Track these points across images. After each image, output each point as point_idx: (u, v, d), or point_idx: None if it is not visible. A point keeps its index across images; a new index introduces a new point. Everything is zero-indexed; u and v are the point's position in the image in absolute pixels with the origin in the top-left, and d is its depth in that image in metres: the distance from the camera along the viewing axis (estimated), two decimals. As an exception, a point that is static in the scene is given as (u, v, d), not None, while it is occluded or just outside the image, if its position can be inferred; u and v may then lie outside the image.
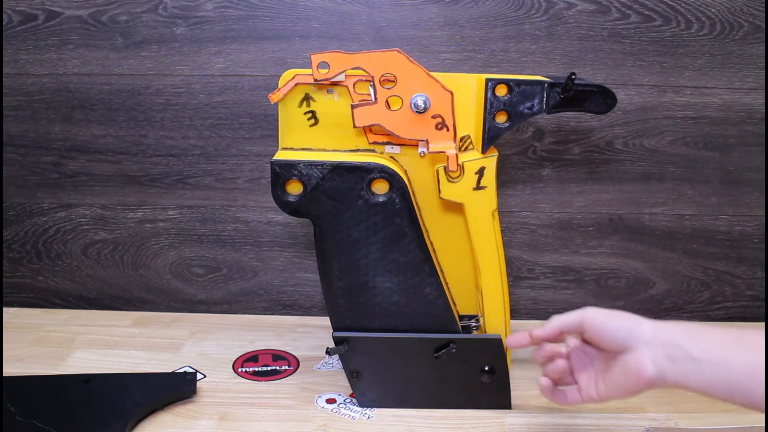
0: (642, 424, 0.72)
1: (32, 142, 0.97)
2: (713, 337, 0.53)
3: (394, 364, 0.73)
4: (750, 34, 0.92)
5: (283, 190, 0.67)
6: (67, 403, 0.71)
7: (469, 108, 0.70)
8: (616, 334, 0.57)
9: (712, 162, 0.97)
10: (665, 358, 0.54)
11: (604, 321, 0.59)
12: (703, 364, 0.52)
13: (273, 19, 0.92)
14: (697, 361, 0.52)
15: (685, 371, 0.53)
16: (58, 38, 0.93)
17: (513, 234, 0.99)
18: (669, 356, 0.53)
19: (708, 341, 0.53)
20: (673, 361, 0.53)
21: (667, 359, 0.53)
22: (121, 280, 1.02)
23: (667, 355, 0.54)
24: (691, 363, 0.52)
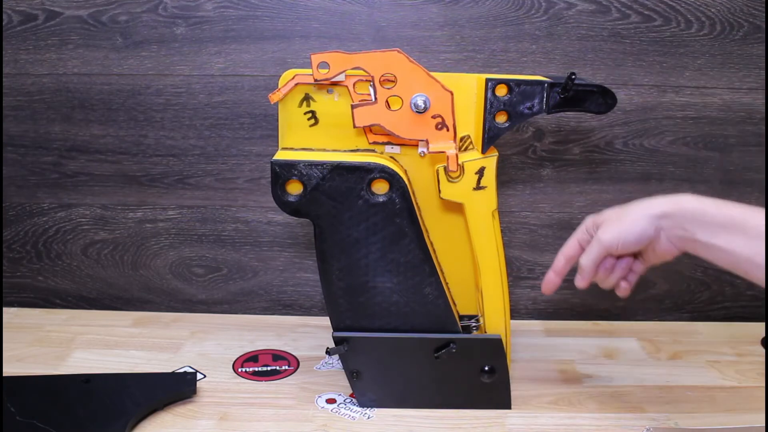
0: (642, 424, 0.72)
1: (32, 142, 0.97)
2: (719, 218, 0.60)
3: (394, 364, 0.73)
4: (750, 34, 0.92)
5: (283, 190, 0.67)
6: (67, 403, 0.71)
7: (469, 108, 0.70)
8: (639, 242, 0.65)
9: (712, 162, 0.97)
10: (678, 239, 0.63)
11: (623, 239, 0.65)
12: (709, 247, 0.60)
13: (273, 19, 0.92)
14: (704, 244, 0.60)
15: (696, 248, 0.61)
16: (58, 38, 0.93)
17: (513, 234, 0.99)
18: (681, 238, 0.62)
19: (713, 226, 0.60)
20: (685, 241, 0.62)
21: (680, 240, 0.62)
22: (121, 280, 1.02)
23: (680, 237, 0.62)
24: (700, 245, 0.61)
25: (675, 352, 0.89)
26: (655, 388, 0.80)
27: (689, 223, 0.61)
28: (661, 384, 0.81)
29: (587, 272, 0.68)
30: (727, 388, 0.80)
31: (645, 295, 1.02)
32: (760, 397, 0.78)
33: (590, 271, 0.68)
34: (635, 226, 0.64)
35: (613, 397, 0.78)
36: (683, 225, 0.62)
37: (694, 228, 0.61)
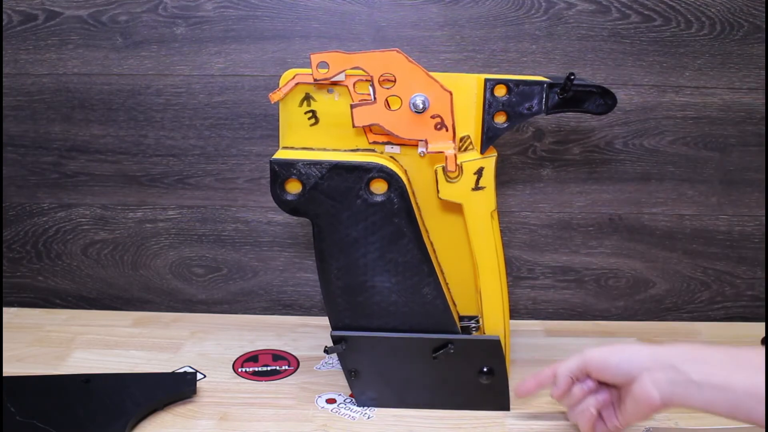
0: (642, 424, 0.72)
1: (32, 142, 0.97)
2: (711, 359, 0.56)
3: (392, 364, 0.73)
4: (750, 34, 0.92)
5: (282, 189, 0.67)
6: (67, 403, 0.71)
7: (469, 108, 0.70)
8: (619, 369, 0.61)
9: (712, 162, 0.97)
10: (667, 383, 0.56)
11: (605, 359, 0.62)
12: (703, 387, 0.54)
13: (273, 19, 0.92)
14: (698, 384, 0.55)
15: (688, 394, 0.55)
16: (58, 38, 0.93)
17: (513, 234, 0.99)
18: (671, 381, 0.56)
19: (707, 364, 0.55)
20: (675, 385, 0.56)
21: (669, 383, 0.56)
22: (121, 280, 1.03)
23: (669, 380, 0.56)
24: (693, 386, 0.55)
25: (675, 352, 0.89)
26: (655, 388, 0.80)
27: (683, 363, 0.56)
28: (661, 384, 0.81)
29: (561, 381, 0.65)
30: (727, 388, 0.80)
31: (645, 295, 1.02)
32: (760, 398, 0.78)
33: (564, 381, 0.65)
34: (622, 351, 0.62)
35: (612, 397, 0.78)
36: (675, 365, 0.57)
37: (687, 367, 0.56)
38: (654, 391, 0.57)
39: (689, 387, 0.55)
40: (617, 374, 0.61)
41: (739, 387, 0.53)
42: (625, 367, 0.60)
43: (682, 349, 0.58)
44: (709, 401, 0.54)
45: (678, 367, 0.56)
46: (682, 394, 0.56)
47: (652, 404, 0.57)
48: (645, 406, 0.58)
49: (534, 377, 0.68)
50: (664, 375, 0.57)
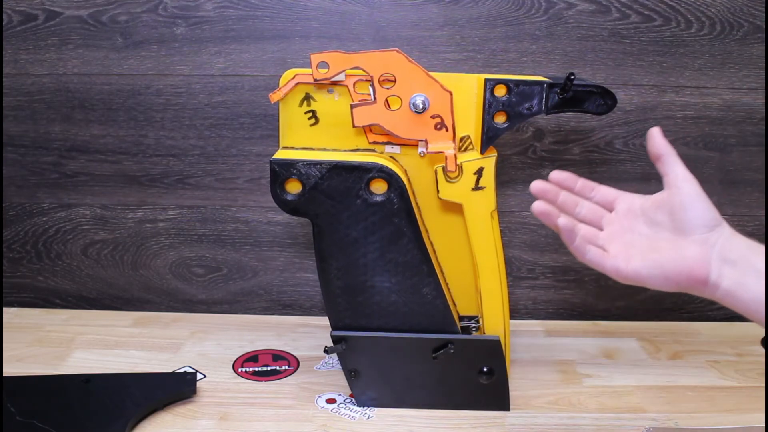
0: (642, 424, 0.72)
1: (32, 142, 0.97)
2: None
3: (392, 364, 0.73)
4: (750, 34, 0.92)
5: (282, 189, 0.67)
6: (66, 403, 0.71)
7: (469, 108, 0.70)
8: (702, 215, 0.54)
9: (712, 162, 0.97)
10: (728, 264, 0.52)
11: (700, 195, 0.56)
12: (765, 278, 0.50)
13: (273, 19, 0.92)
14: (760, 274, 0.50)
15: (744, 281, 0.51)
16: (58, 38, 0.93)
17: (513, 234, 0.99)
18: (733, 263, 0.52)
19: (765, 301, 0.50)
20: (735, 268, 0.51)
21: (730, 265, 0.52)
22: (121, 280, 1.03)
23: (732, 262, 0.52)
24: (754, 274, 0.50)
25: (675, 352, 0.89)
26: (655, 388, 0.80)
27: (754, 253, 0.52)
28: (661, 384, 0.81)
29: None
30: (727, 388, 0.80)
31: (645, 295, 1.02)
32: (760, 397, 0.78)
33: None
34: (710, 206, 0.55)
35: (613, 397, 0.78)
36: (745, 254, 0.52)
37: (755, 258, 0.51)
38: (710, 263, 0.52)
39: (750, 274, 0.50)
40: (693, 218, 0.54)
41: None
42: (706, 220, 0.54)
43: (758, 244, 0.53)
44: (761, 297, 0.50)
45: (747, 254, 0.52)
46: (737, 279, 0.51)
47: (699, 273, 0.52)
48: (686, 271, 0.53)
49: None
50: (728, 255, 0.52)
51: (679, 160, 0.57)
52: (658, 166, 0.58)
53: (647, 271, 0.55)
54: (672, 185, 0.57)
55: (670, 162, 0.57)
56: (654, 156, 0.59)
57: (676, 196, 0.56)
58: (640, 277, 0.55)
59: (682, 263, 0.53)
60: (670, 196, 0.56)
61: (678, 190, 0.56)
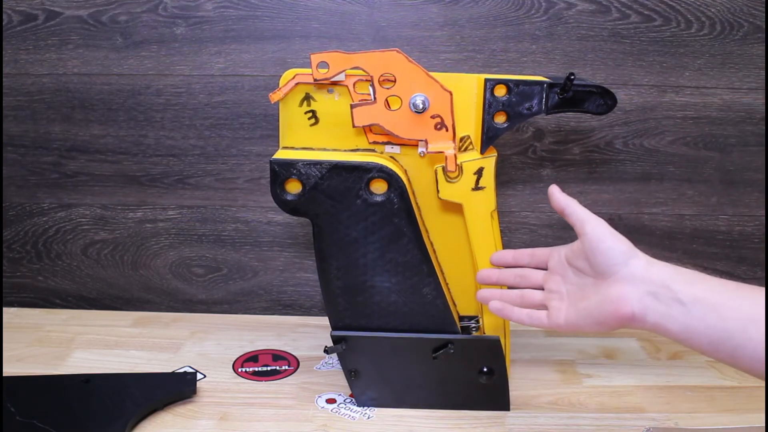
0: (642, 424, 0.72)
1: (32, 142, 0.97)
2: (708, 283, 0.51)
3: (392, 364, 0.73)
4: (750, 34, 0.92)
5: (282, 189, 0.67)
6: (66, 403, 0.71)
7: (469, 108, 0.70)
8: (609, 253, 0.54)
9: (712, 162, 0.97)
10: (650, 296, 0.51)
11: (604, 233, 0.56)
12: (691, 308, 0.49)
13: (273, 19, 0.92)
14: (685, 305, 0.50)
15: (669, 313, 0.50)
16: (58, 38, 0.93)
17: (513, 234, 0.99)
18: (655, 295, 0.51)
19: (701, 287, 0.50)
20: (657, 300, 0.51)
21: (652, 297, 0.51)
22: (121, 280, 1.03)
23: (653, 294, 0.51)
24: (678, 305, 0.50)
25: (675, 352, 0.89)
26: (655, 388, 0.80)
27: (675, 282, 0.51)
28: (661, 384, 0.81)
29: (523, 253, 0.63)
30: (727, 388, 0.80)
31: (645, 295, 1.02)
32: (760, 397, 0.78)
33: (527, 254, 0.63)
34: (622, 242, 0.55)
35: (613, 397, 0.78)
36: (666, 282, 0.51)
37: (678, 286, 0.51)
38: (633, 299, 0.51)
39: (673, 305, 0.50)
40: (604, 258, 0.54)
41: (731, 315, 0.47)
42: (616, 257, 0.54)
43: (678, 270, 0.52)
44: (691, 325, 0.49)
45: (668, 283, 0.51)
46: (662, 312, 0.50)
47: (622, 312, 0.52)
48: (611, 312, 0.52)
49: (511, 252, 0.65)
50: (649, 287, 0.51)
51: (580, 207, 0.59)
52: (566, 218, 0.60)
53: (581, 321, 0.56)
54: (579, 232, 0.58)
55: (572, 211, 0.59)
56: (559, 211, 0.60)
57: (585, 242, 0.57)
58: (578, 328, 0.57)
59: (607, 306, 0.53)
60: (581, 243, 0.58)
61: (585, 235, 0.57)
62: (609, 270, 0.54)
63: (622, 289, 0.53)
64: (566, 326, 0.57)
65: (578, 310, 0.56)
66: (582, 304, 0.56)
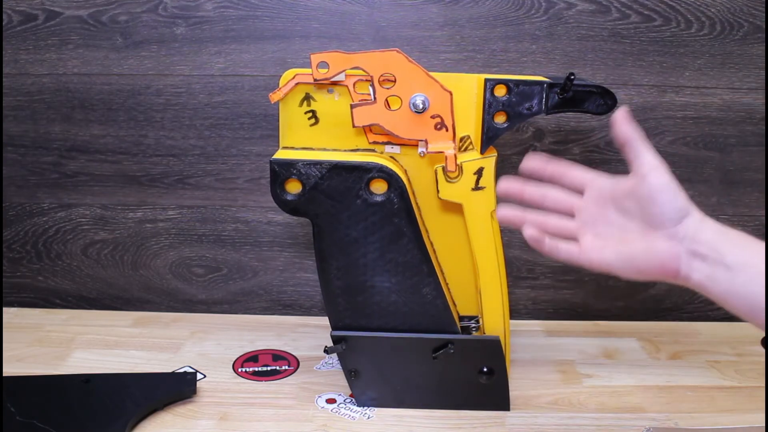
0: (642, 424, 0.72)
1: (32, 142, 0.97)
2: (756, 248, 0.50)
3: (392, 364, 0.73)
4: (750, 34, 0.92)
5: (282, 189, 0.67)
6: (67, 403, 0.71)
7: (469, 108, 0.70)
8: (666, 207, 0.53)
9: (712, 162, 0.97)
10: (697, 258, 0.51)
11: (668, 184, 0.54)
12: (736, 273, 0.49)
13: (273, 19, 0.92)
14: (730, 269, 0.49)
15: (714, 275, 0.50)
16: (58, 38, 0.93)
17: (513, 234, 0.99)
18: (702, 257, 0.51)
19: (749, 252, 0.50)
20: (704, 262, 0.51)
21: (700, 259, 0.51)
22: (121, 280, 1.03)
23: (701, 255, 0.51)
24: (723, 269, 0.50)
25: (675, 352, 0.89)
26: (655, 388, 0.80)
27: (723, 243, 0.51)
28: (661, 384, 0.81)
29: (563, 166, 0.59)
30: (727, 388, 0.80)
31: (645, 295, 1.02)
32: (760, 397, 0.78)
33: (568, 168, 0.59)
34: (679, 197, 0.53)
35: (613, 397, 0.78)
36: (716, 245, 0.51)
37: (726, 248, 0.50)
38: (679, 258, 0.51)
39: (719, 268, 0.50)
40: (660, 209, 0.53)
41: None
42: (671, 211, 0.52)
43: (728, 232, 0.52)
44: (733, 288, 0.49)
45: (717, 246, 0.50)
46: (706, 273, 0.50)
47: (668, 267, 0.52)
48: (657, 264, 0.52)
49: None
50: (697, 247, 0.51)
51: (647, 146, 0.56)
52: (625, 152, 0.57)
53: (619, 264, 0.55)
54: (639, 175, 0.55)
55: (637, 148, 0.56)
56: (620, 142, 0.57)
57: (643, 187, 0.54)
58: (612, 269, 0.55)
59: (653, 257, 0.53)
60: (637, 185, 0.55)
61: (645, 181, 0.54)
62: (661, 223, 0.53)
63: (671, 246, 0.52)
64: (599, 264, 0.56)
65: (618, 252, 0.55)
66: (623, 247, 0.55)
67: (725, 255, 0.50)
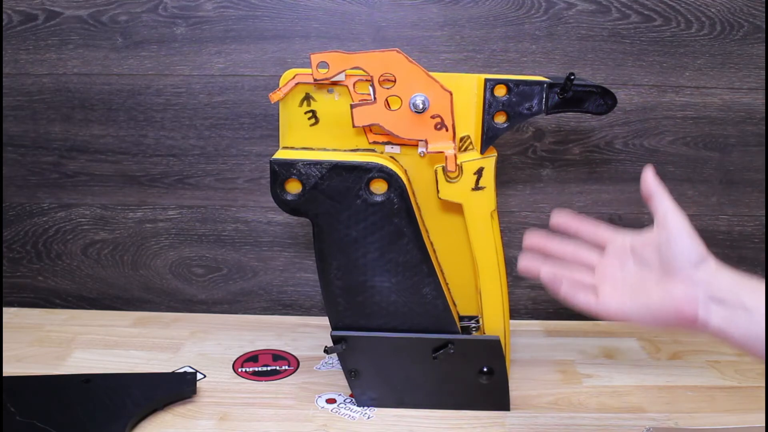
0: (642, 424, 0.72)
1: (32, 142, 0.97)
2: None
3: (392, 364, 0.73)
4: (750, 34, 0.92)
5: (282, 189, 0.67)
6: (67, 403, 0.71)
7: (469, 108, 0.70)
8: (685, 252, 0.53)
9: (712, 162, 0.97)
10: (715, 302, 0.51)
11: (687, 230, 0.54)
12: (754, 314, 0.49)
13: (273, 19, 0.92)
14: (749, 310, 0.49)
15: (733, 319, 0.50)
16: (58, 38, 0.93)
17: (513, 234, 0.99)
18: (720, 300, 0.51)
19: (765, 295, 0.50)
20: (723, 305, 0.51)
21: (717, 303, 0.51)
22: (121, 280, 1.03)
23: (719, 299, 0.51)
24: (742, 311, 0.50)
25: (675, 352, 0.89)
26: (655, 388, 0.80)
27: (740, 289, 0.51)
28: (661, 384, 0.81)
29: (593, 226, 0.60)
30: (727, 388, 0.80)
31: (645, 295, 1.02)
32: (760, 397, 0.78)
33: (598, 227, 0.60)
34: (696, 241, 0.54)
35: (613, 397, 0.78)
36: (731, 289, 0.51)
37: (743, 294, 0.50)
38: (697, 302, 0.51)
39: (738, 311, 0.50)
40: (678, 255, 0.53)
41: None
42: (692, 256, 0.53)
43: (742, 277, 0.52)
44: (753, 331, 0.49)
45: (734, 289, 0.51)
46: (726, 317, 0.50)
47: (687, 313, 0.51)
48: (674, 311, 0.52)
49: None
50: (716, 291, 0.51)
51: (668, 197, 0.58)
52: (650, 204, 0.58)
53: (636, 312, 0.55)
54: (660, 223, 0.56)
55: (660, 200, 0.58)
56: (646, 195, 0.59)
57: (663, 234, 0.56)
58: (629, 317, 0.55)
59: (670, 302, 0.53)
60: (658, 233, 0.56)
61: (665, 227, 0.56)
62: (679, 268, 0.53)
63: (688, 290, 0.52)
64: (616, 313, 0.56)
65: (635, 300, 0.55)
66: (640, 296, 0.55)
67: (744, 298, 0.50)
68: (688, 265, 0.53)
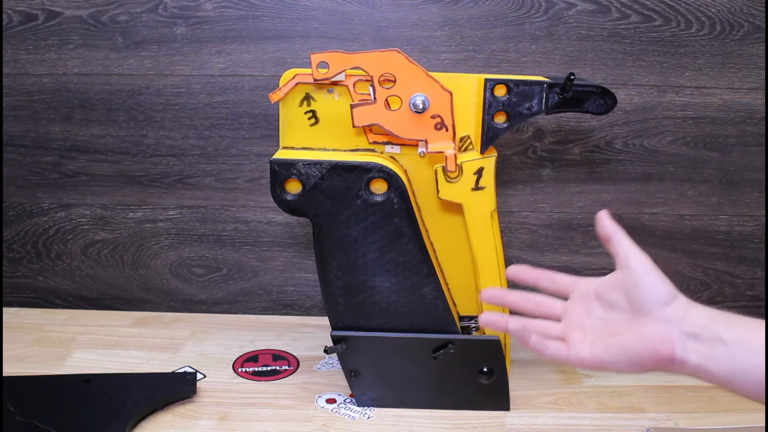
0: (642, 424, 0.72)
1: (32, 142, 0.97)
2: (747, 324, 0.49)
3: (392, 364, 0.73)
4: (750, 34, 0.92)
5: (282, 189, 0.67)
6: (67, 403, 0.71)
7: (469, 108, 0.70)
8: (653, 291, 0.52)
9: (712, 162, 0.97)
10: (691, 338, 0.49)
11: (651, 269, 0.53)
12: (732, 347, 0.48)
13: (273, 19, 0.92)
14: (726, 344, 0.48)
15: (712, 354, 0.49)
16: (58, 38, 0.93)
17: (513, 234, 0.99)
18: (696, 336, 0.49)
19: (741, 328, 0.49)
20: (699, 341, 0.49)
21: (694, 339, 0.49)
22: (121, 280, 1.03)
23: (695, 335, 0.49)
24: (720, 345, 0.48)
25: (675, 352, 0.89)
26: (655, 388, 0.80)
27: (715, 323, 0.50)
28: (661, 384, 0.81)
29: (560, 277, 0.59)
30: (727, 388, 0.80)
31: (645, 295, 1.01)
32: (760, 398, 0.78)
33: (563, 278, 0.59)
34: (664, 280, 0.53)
35: (613, 397, 0.78)
36: (705, 323, 0.50)
37: (719, 327, 0.49)
38: (673, 340, 0.49)
39: (715, 345, 0.48)
40: (646, 296, 0.52)
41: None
42: (660, 296, 0.51)
43: (716, 312, 0.51)
44: (732, 365, 0.48)
45: (708, 324, 0.49)
46: (704, 353, 0.49)
47: (663, 353, 0.50)
48: (650, 352, 0.50)
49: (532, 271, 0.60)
50: (690, 328, 0.50)
51: (627, 239, 0.56)
52: (608, 247, 0.57)
53: (611, 357, 0.53)
54: (623, 264, 0.55)
55: (618, 241, 0.56)
56: (603, 238, 0.58)
57: (628, 275, 0.54)
58: (605, 364, 0.54)
59: (646, 344, 0.51)
60: (622, 275, 0.55)
61: (629, 268, 0.54)
62: (649, 307, 0.52)
63: (662, 328, 0.51)
64: (590, 361, 0.54)
65: (608, 345, 0.53)
66: (612, 339, 0.53)
67: (720, 332, 0.49)
68: (659, 304, 0.52)
